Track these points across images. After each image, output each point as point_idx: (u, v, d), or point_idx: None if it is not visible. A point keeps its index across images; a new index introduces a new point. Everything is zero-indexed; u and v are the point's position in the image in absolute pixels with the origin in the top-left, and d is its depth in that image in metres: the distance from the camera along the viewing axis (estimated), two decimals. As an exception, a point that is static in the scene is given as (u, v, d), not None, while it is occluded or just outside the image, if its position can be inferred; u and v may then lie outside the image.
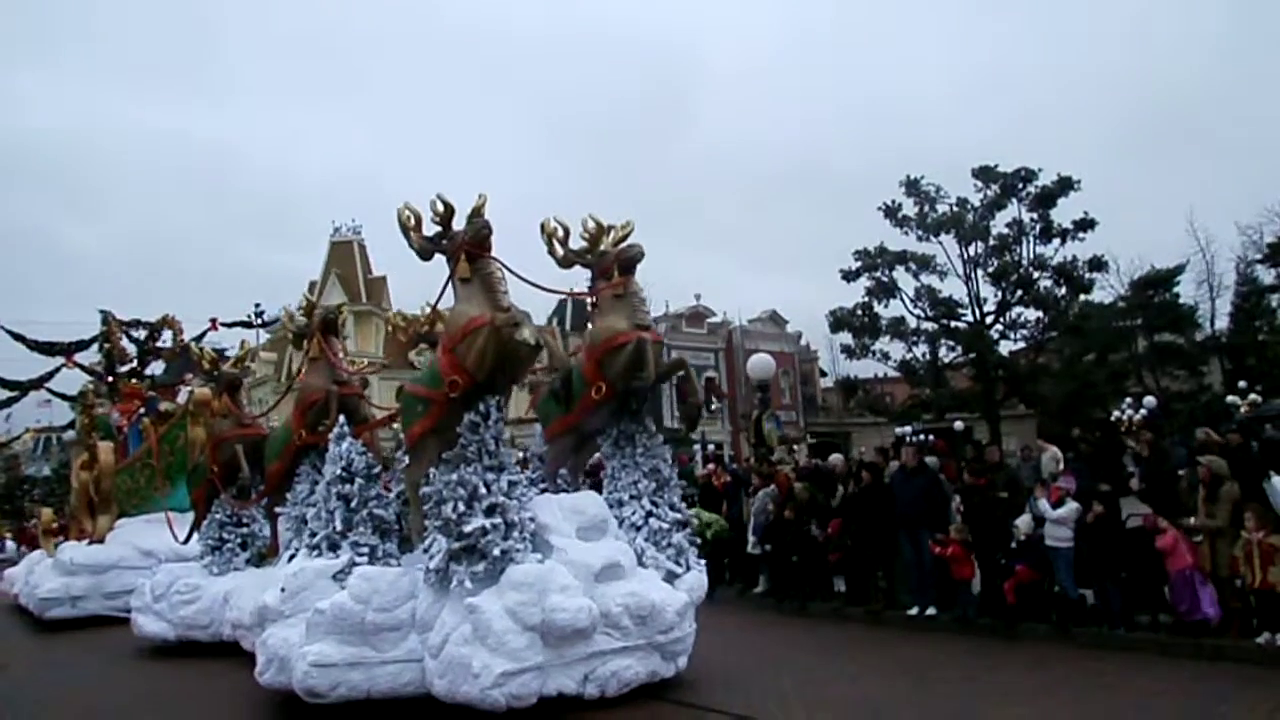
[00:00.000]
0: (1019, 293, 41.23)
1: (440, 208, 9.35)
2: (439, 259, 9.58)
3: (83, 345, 21.06)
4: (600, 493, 10.09)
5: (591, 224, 10.16)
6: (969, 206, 41.93)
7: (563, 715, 8.46)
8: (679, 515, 9.87)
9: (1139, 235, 69.45)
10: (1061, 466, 13.42)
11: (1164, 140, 78.98)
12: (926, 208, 42.27)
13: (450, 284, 9.33)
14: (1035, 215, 41.29)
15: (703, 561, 9.95)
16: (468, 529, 8.55)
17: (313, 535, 9.97)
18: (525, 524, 8.78)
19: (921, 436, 39.08)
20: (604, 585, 8.86)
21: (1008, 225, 41.71)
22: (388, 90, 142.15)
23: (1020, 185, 41.24)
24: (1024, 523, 11.27)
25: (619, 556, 9.10)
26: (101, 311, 20.01)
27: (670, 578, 9.52)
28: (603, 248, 10.13)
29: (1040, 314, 41.48)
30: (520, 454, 9.85)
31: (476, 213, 9.38)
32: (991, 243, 41.56)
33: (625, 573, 9.09)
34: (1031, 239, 41.57)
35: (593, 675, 8.63)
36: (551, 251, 10.20)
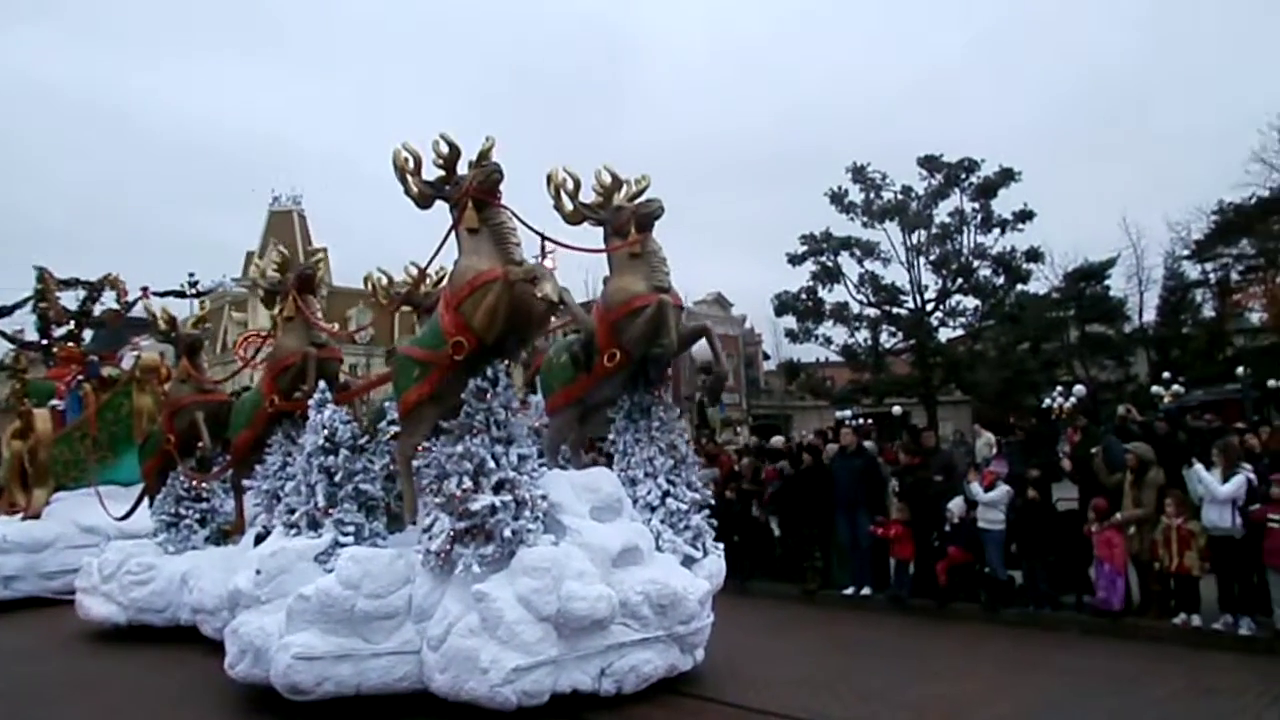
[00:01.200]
0: (959, 281, 41.26)
1: (444, 149, 8.19)
2: (439, 208, 8.42)
3: (11, 309, 19.11)
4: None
5: (606, 176, 9.06)
6: (913, 195, 41.80)
7: (578, 713, 7.45)
8: (697, 495, 8.86)
9: (1075, 227, 70.37)
10: (995, 451, 13.42)
11: (1100, 135, 79.96)
12: (872, 195, 42.05)
13: (454, 234, 8.17)
14: (977, 205, 41.45)
15: (721, 546, 8.94)
16: (475, 507, 7.46)
17: (290, 512, 8.77)
18: (537, 502, 7.70)
19: (860, 420, 39.02)
20: (622, 571, 7.84)
21: (950, 214, 41.89)
22: (310, 46, 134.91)
23: (963, 175, 41.26)
24: (957, 506, 11.40)
25: (638, 539, 8.08)
26: (37, 268, 18.22)
27: (687, 562, 8.52)
28: (617, 202, 9.04)
29: (978, 302, 41.65)
30: (532, 425, 8.69)
31: (484, 156, 8.25)
32: (934, 231, 41.50)
33: (644, 557, 8.08)
34: (972, 228, 41.76)
35: (609, 670, 7.64)
36: (559, 205, 9.07)
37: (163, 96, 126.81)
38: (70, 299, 18.18)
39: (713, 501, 9.14)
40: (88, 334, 18.40)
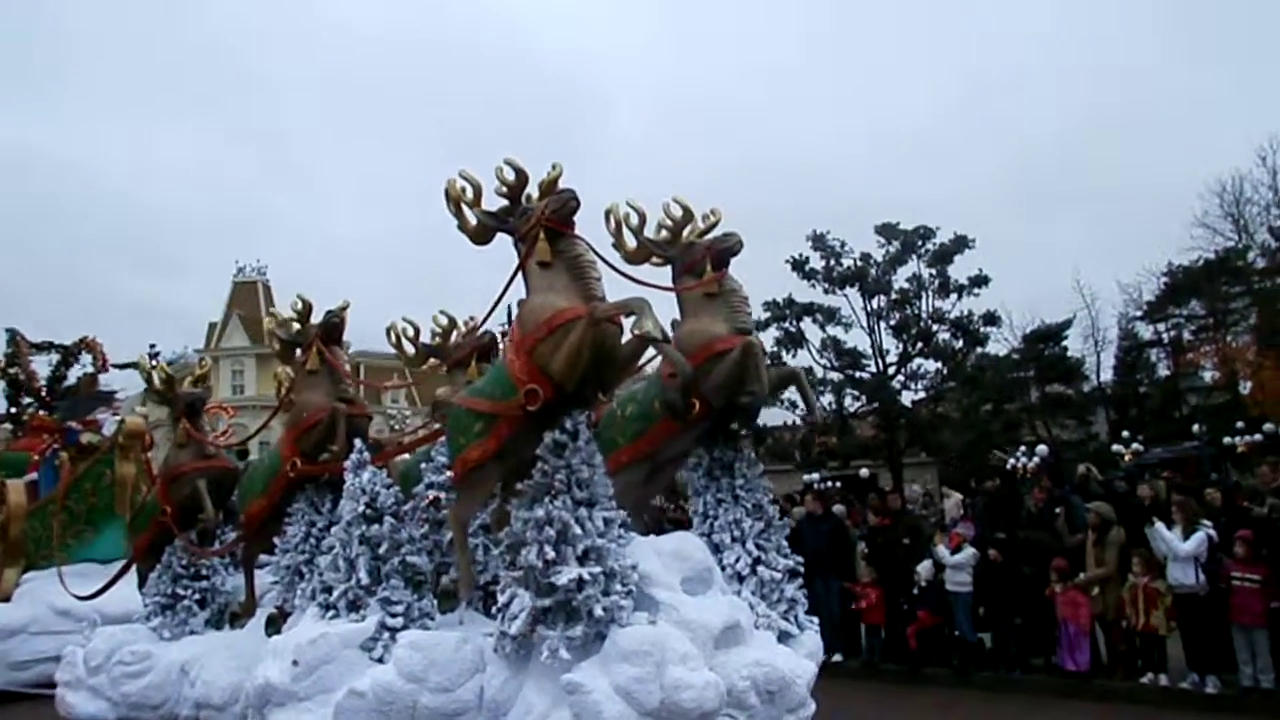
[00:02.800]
0: (919, 345, 40.90)
1: (510, 176, 7.04)
2: (500, 242, 7.27)
3: None
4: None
5: (676, 209, 7.96)
6: (872, 261, 41.50)
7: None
8: (790, 562, 7.63)
9: (1029, 287, 70.80)
10: (962, 513, 13.20)
11: (1048, 198, 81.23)
12: (832, 261, 41.70)
13: (520, 271, 6.99)
14: (934, 271, 41.29)
15: (815, 619, 7.71)
16: (560, 581, 6.17)
17: (326, 590, 7.39)
18: (628, 574, 6.43)
19: (828, 483, 38.05)
20: (724, 653, 6.57)
21: (908, 280, 41.61)
22: (262, 109, 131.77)
23: (919, 242, 41.13)
24: (925, 568, 11.23)
25: (738, 615, 6.83)
26: (9, 331, 16.59)
27: (783, 639, 7.28)
28: (688, 238, 7.95)
29: (939, 365, 41.23)
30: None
31: (551, 185, 7.12)
32: (893, 296, 41.16)
33: (745, 636, 6.82)
34: (930, 294, 41.55)
35: (715, 769, 6.32)
36: (619, 243, 7.95)
37: (105, 160, 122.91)
38: (42, 364, 16.55)
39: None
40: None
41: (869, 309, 41.48)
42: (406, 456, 9.11)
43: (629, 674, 5.99)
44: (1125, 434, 35.46)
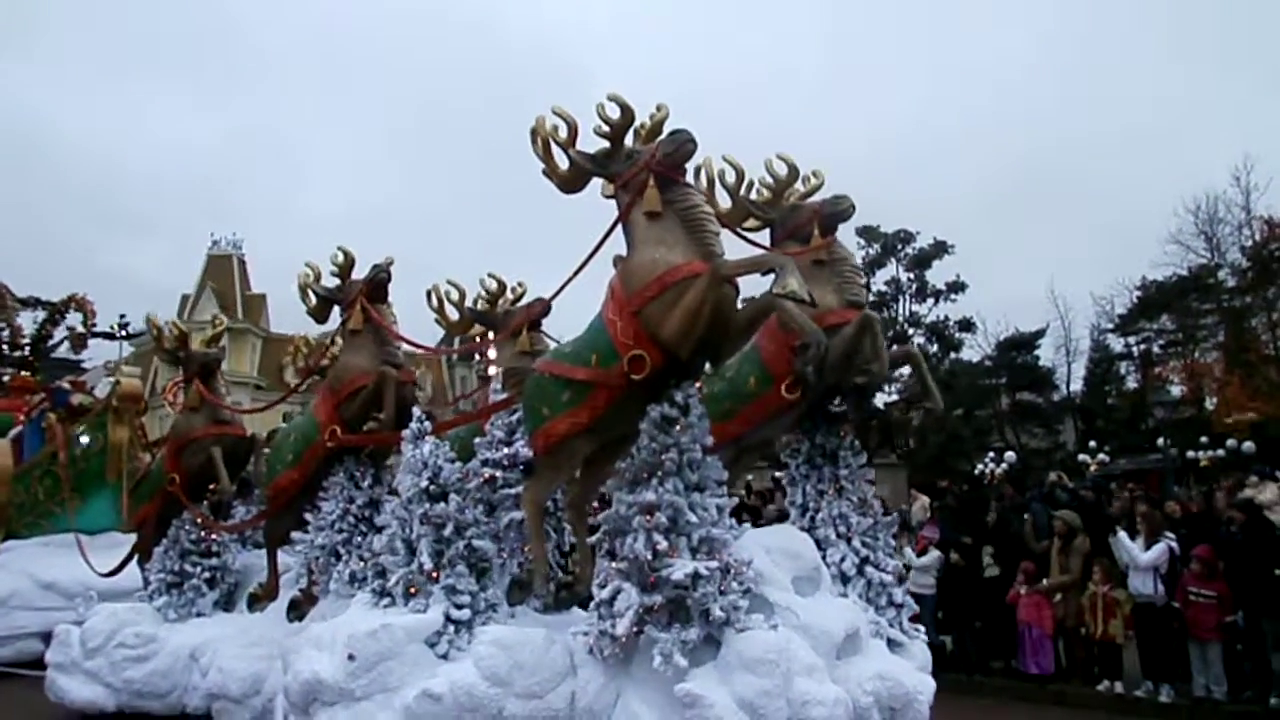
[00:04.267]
0: (894, 347, 40.26)
1: (614, 113, 6.02)
2: (593, 192, 6.27)
3: None
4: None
5: (781, 167, 7.00)
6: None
7: None
8: (897, 563, 6.72)
9: (1004, 295, 70.43)
10: (929, 516, 12.90)
11: (1027, 207, 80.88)
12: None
13: (622, 222, 5.99)
14: (912, 275, 41.08)
15: (921, 628, 6.79)
16: (676, 575, 5.19)
17: (380, 575, 6.35)
18: (743, 570, 5.46)
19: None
20: (845, 664, 5.64)
21: (886, 283, 41.48)
22: (231, 75, 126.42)
23: (900, 246, 40.80)
24: None
25: (857, 622, 5.90)
26: None
27: (891, 647, 6.36)
28: (792, 200, 7.00)
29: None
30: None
31: (656, 128, 6.14)
32: (871, 299, 40.60)
33: (863, 645, 5.90)
34: (907, 297, 41.34)
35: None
36: (710, 203, 6.98)
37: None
38: (27, 321, 15.12)
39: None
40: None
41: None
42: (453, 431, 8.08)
43: (754, 686, 5.04)
44: (1092, 444, 35.16)
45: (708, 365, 6.15)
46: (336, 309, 8.08)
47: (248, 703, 7.51)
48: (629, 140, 6.15)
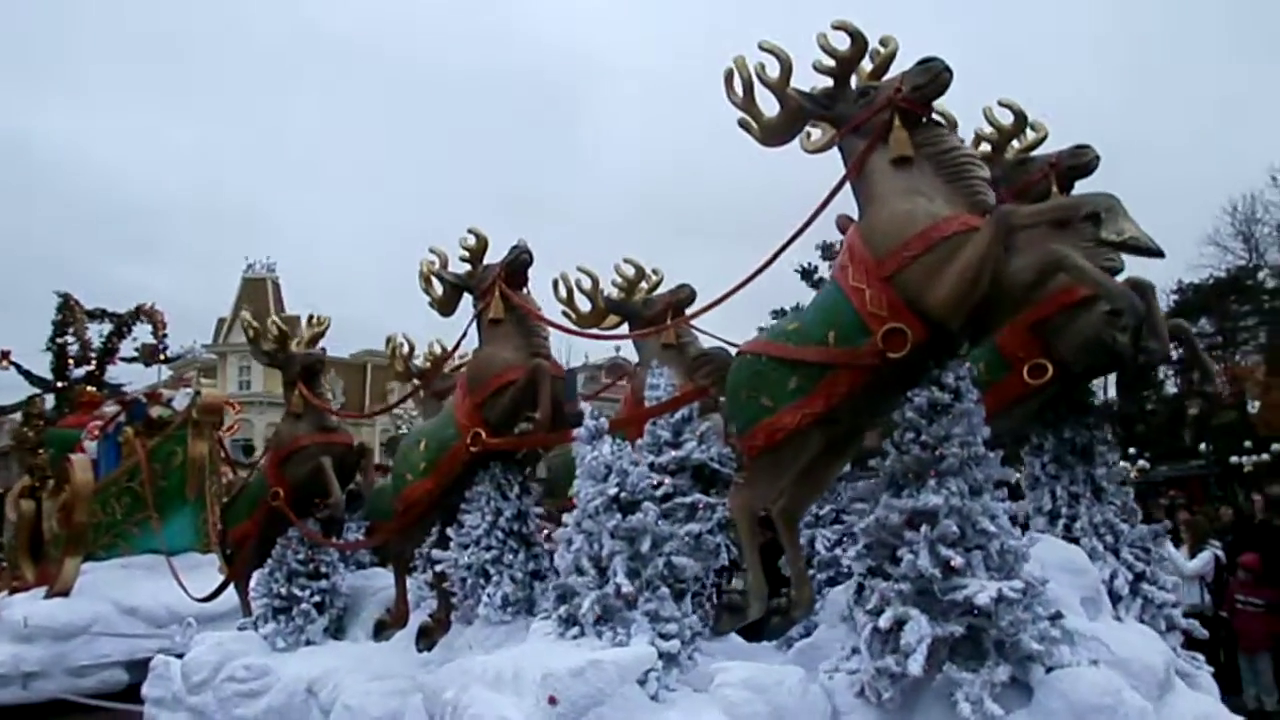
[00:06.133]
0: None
1: (841, 44, 4.83)
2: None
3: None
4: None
5: (1005, 115, 5.79)
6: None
7: None
8: (1175, 579, 5.46)
9: None
10: None
11: None
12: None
13: (858, 170, 4.78)
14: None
15: (1201, 657, 5.49)
16: (981, 599, 3.95)
17: (565, 598, 5.12)
18: (1041, 591, 4.22)
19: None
20: (1164, 705, 4.37)
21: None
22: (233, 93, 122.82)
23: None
24: None
25: (1169, 654, 4.65)
26: (61, 295, 14.00)
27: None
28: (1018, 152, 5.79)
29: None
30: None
31: (888, 61, 4.95)
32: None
33: (1172, 680, 4.63)
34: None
35: None
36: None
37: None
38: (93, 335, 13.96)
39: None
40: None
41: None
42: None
43: (1089, 739, 3.79)
44: (1131, 451, 33.79)
45: (972, 344, 4.90)
46: (469, 298, 6.88)
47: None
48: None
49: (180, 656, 7.60)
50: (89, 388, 13.62)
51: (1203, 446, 31.71)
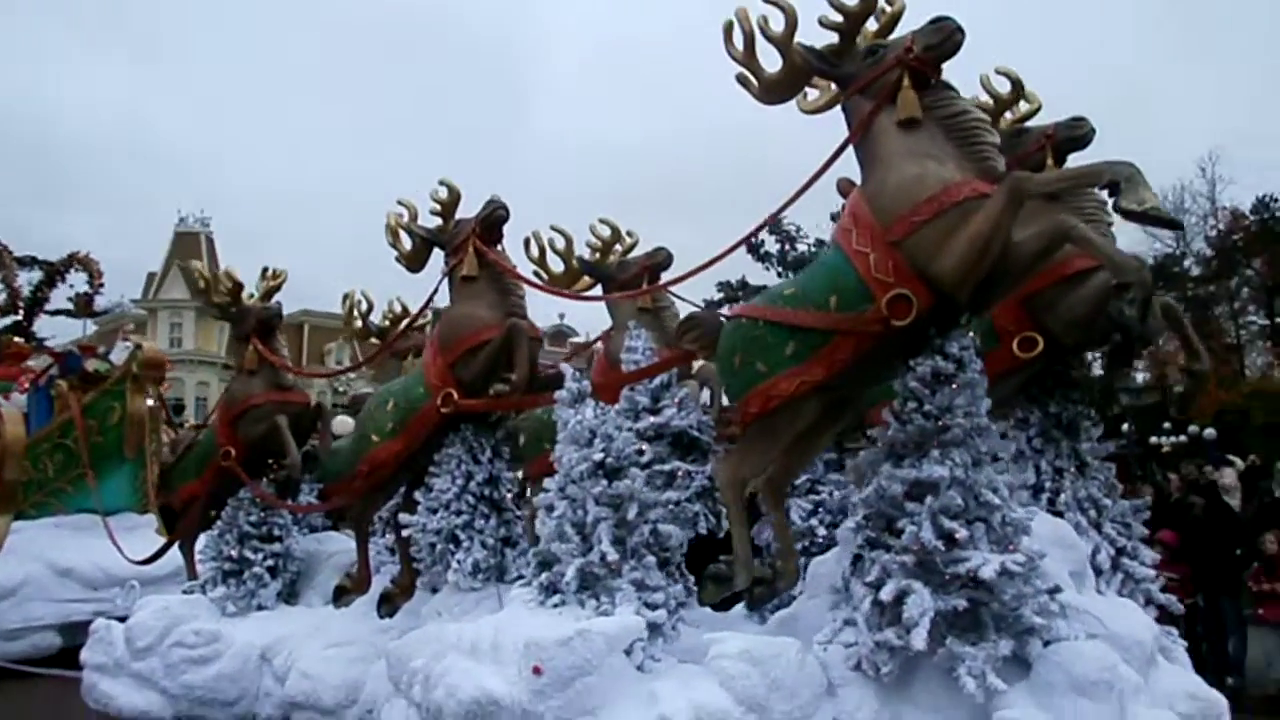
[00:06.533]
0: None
1: (850, 1, 4.64)
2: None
3: None
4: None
5: (1002, 83, 5.68)
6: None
7: None
8: (1155, 556, 5.45)
9: None
10: None
11: None
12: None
13: (863, 132, 4.61)
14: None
15: (1175, 632, 5.49)
16: (986, 572, 3.86)
17: (547, 565, 4.93)
18: (1038, 565, 4.14)
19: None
20: (1151, 680, 4.35)
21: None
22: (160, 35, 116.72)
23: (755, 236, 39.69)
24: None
25: (1155, 629, 4.63)
26: None
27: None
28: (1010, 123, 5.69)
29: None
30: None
31: (894, 20, 4.78)
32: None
33: (1156, 656, 4.61)
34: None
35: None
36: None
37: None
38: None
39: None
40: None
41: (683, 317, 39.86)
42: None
43: (1089, 714, 3.74)
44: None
45: (975, 315, 4.79)
46: (439, 254, 6.59)
47: (342, 714, 6.04)
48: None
49: (122, 620, 7.21)
50: (15, 339, 12.89)
51: (1125, 427, 32.60)
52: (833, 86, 4.89)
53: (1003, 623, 3.95)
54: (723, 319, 5.30)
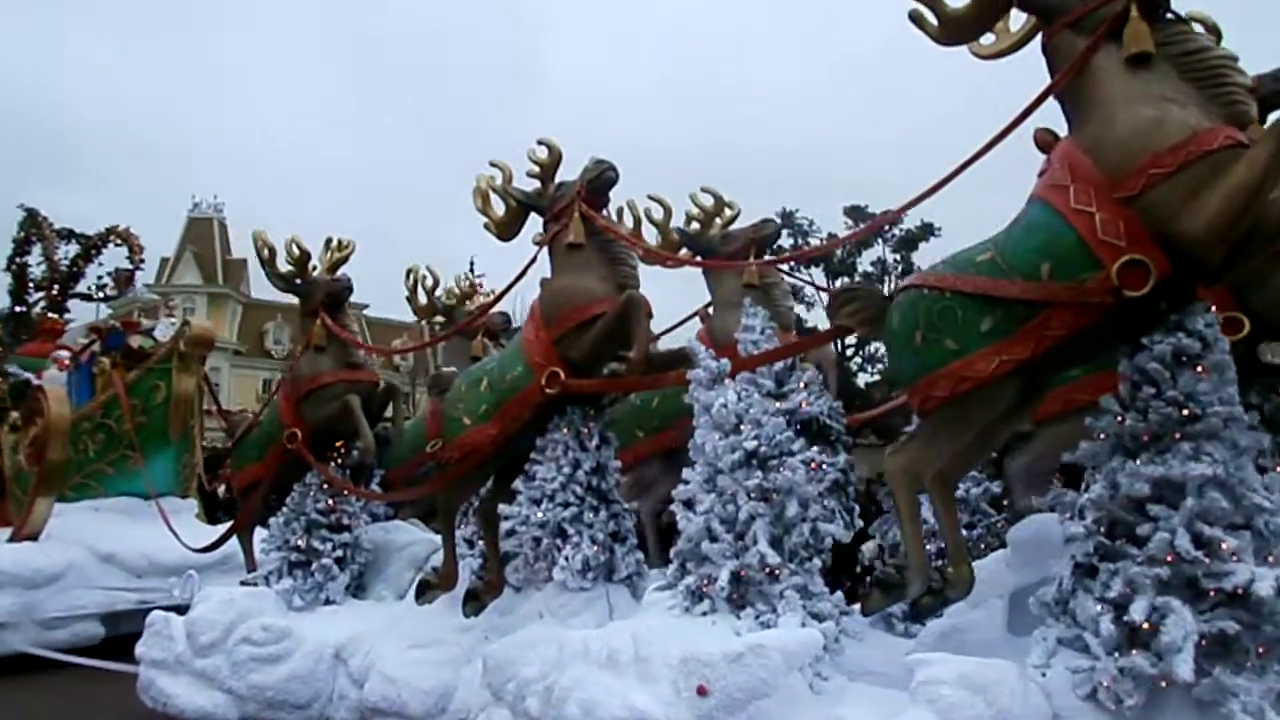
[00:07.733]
0: (879, 328, 38.97)
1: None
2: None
3: None
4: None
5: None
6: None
7: None
8: None
9: None
10: None
11: (1016, 187, 78.77)
12: (799, 240, 39.34)
13: (1078, 69, 3.87)
14: (899, 257, 39.62)
15: None
16: (1262, 588, 3.15)
17: (682, 568, 4.21)
18: (1295, 577, 3.42)
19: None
20: None
21: (873, 264, 39.75)
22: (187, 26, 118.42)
23: (886, 227, 39.07)
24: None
25: None
26: (26, 210, 12.33)
27: None
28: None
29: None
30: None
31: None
32: (857, 279, 38.99)
33: None
34: (894, 279, 39.61)
35: None
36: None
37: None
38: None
39: None
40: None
41: (832, 289, 39.35)
42: None
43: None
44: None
45: (1208, 285, 4.04)
46: (537, 218, 5.86)
47: (435, 722, 5.33)
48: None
49: (181, 612, 6.49)
50: (50, 314, 12.12)
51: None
52: (1011, 28, 4.15)
53: (1275, 648, 3.23)
54: (884, 293, 4.58)
